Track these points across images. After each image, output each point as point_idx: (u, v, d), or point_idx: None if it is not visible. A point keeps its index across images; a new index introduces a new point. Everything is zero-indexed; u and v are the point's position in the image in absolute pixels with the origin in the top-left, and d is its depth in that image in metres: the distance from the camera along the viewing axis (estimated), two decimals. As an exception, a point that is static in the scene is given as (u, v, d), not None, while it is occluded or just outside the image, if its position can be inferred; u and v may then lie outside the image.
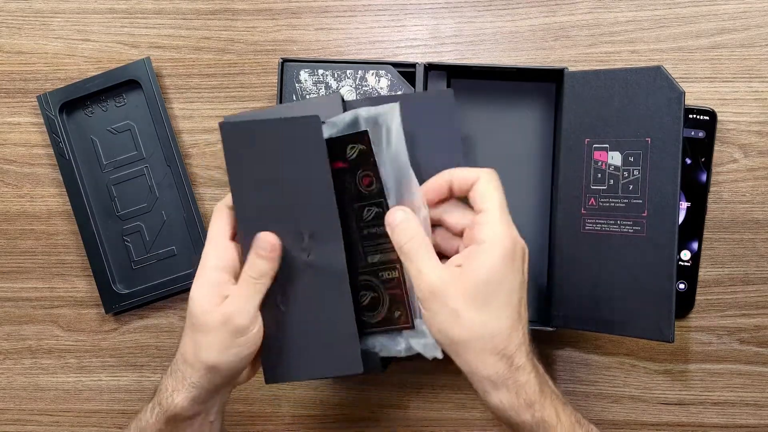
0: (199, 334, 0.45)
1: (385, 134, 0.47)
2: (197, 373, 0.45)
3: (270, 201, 0.48)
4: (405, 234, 0.44)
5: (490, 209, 0.43)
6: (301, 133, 0.47)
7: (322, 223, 0.47)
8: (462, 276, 0.42)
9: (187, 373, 0.46)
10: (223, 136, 0.48)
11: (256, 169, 0.48)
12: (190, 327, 0.46)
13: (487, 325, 0.41)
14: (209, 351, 0.45)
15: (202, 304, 0.45)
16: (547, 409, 0.43)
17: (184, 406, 0.46)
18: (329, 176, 0.47)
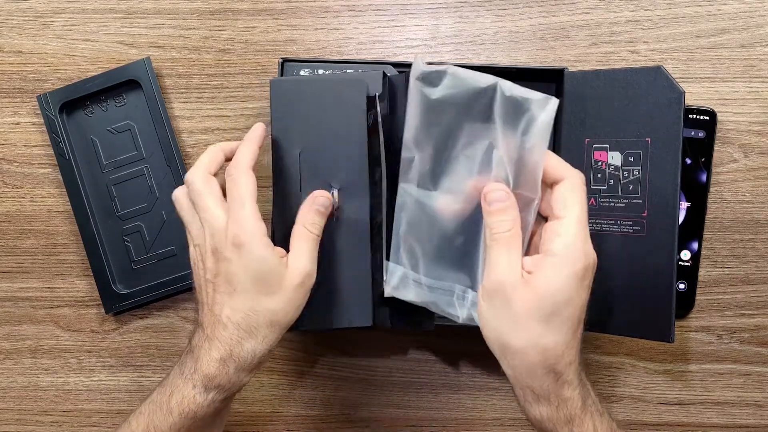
0: (275, 297, 0.44)
1: (524, 123, 0.46)
2: (267, 342, 0.45)
3: (306, 155, 0.52)
4: (501, 223, 0.43)
5: (569, 221, 0.41)
6: (346, 94, 0.52)
7: (352, 179, 0.52)
8: (530, 284, 0.40)
9: (255, 347, 0.45)
10: (271, 90, 0.53)
11: (298, 124, 0.53)
12: (263, 294, 0.44)
13: (544, 339, 0.40)
14: (288, 313, 0.45)
15: (275, 269, 0.44)
16: (586, 423, 0.42)
17: (247, 381, 0.46)
18: (365, 136, 0.52)
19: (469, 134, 0.46)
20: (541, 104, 0.45)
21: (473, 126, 0.46)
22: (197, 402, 0.45)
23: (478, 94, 0.46)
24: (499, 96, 0.46)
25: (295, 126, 0.53)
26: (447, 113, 0.47)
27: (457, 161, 0.47)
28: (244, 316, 0.44)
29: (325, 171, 0.52)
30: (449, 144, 0.47)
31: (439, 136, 0.47)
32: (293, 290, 0.45)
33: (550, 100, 0.46)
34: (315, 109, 0.52)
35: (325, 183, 0.52)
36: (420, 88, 0.47)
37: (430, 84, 0.46)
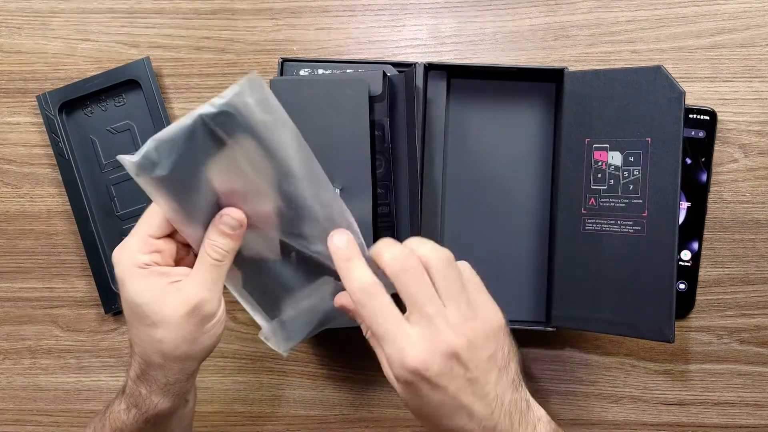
0: (158, 330, 0.41)
1: (253, 131, 0.39)
2: (172, 373, 0.42)
3: None
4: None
5: (379, 341, 0.39)
6: (347, 93, 0.52)
7: (355, 177, 0.52)
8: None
9: (158, 376, 0.42)
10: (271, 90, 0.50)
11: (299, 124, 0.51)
12: (144, 325, 0.41)
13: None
14: (177, 347, 0.41)
15: (155, 299, 0.40)
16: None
17: (164, 407, 0.44)
18: (368, 134, 0.51)
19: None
20: (241, 95, 0.38)
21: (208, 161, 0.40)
22: (122, 419, 0.45)
23: (192, 135, 0.38)
24: (206, 122, 0.38)
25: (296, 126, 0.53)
26: (186, 176, 0.40)
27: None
28: (137, 346, 0.43)
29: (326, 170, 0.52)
30: (200, 192, 0.40)
31: (196, 194, 0.40)
32: (178, 321, 0.40)
33: (252, 82, 0.38)
34: (316, 109, 0.52)
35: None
36: (145, 177, 0.39)
37: (151, 167, 0.38)
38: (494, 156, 0.61)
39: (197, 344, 0.42)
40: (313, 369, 0.65)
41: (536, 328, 0.58)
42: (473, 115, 0.61)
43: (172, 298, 0.40)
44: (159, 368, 0.42)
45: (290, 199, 0.40)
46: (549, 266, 0.60)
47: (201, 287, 0.41)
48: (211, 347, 0.43)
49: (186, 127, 0.38)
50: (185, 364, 0.43)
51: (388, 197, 0.55)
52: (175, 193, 0.40)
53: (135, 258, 0.41)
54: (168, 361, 0.42)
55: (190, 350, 0.42)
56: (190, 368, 0.43)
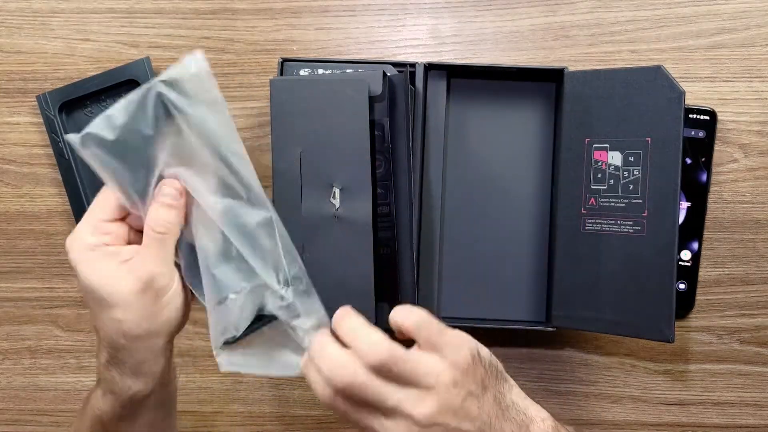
0: (115, 310, 0.40)
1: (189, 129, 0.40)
2: (138, 352, 0.42)
3: (307, 155, 0.52)
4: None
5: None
6: (348, 93, 0.52)
7: (355, 177, 0.52)
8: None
9: (126, 357, 0.42)
10: (271, 90, 0.53)
11: (299, 124, 0.52)
12: (102, 307, 0.41)
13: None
14: (138, 325, 0.41)
15: (108, 280, 0.40)
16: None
17: (138, 389, 0.43)
18: (368, 134, 0.51)
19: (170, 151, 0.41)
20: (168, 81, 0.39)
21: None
22: (99, 407, 0.44)
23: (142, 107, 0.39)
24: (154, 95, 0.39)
25: (295, 126, 0.53)
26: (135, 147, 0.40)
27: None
28: (100, 330, 0.43)
29: (326, 171, 0.52)
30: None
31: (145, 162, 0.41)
32: (134, 298, 0.40)
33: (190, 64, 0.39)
34: (316, 109, 0.52)
35: (326, 183, 0.52)
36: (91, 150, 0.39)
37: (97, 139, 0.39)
38: (494, 156, 0.61)
39: (157, 319, 0.42)
40: (313, 369, 0.65)
41: (536, 328, 0.58)
42: (473, 115, 0.61)
43: (124, 276, 0.40)
44: (125, 349, 0.42)
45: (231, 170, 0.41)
46: (549, 266, 0.60)
47: (150, 262, 0.41)
48: (175, 321, 0.43)
49: (135, 99, 0.39)
50: (150, 342, 0.42)
51: (387, 197, 0.55)
52: (122, 166, 0.40)
53: (84, 241, 0.41)
54: (132, 341, 0.42)
55: (152, 326, 0.42)
56: (156, 345, 0.43)
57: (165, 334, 0.43)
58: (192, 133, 0.40)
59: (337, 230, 0.52)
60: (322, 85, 0.53)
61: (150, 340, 0.42)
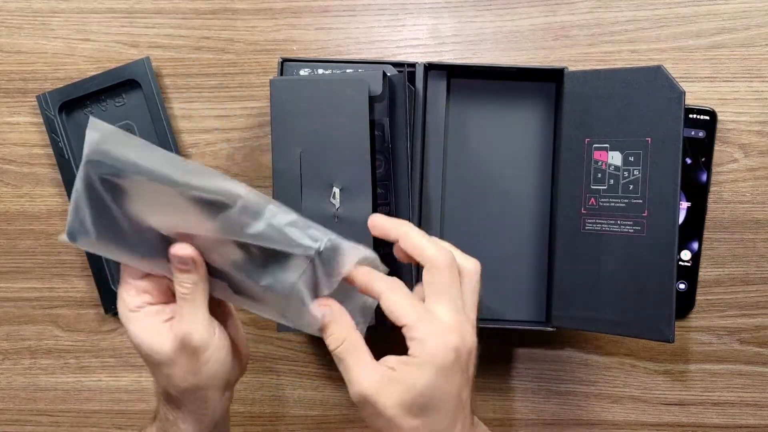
0: (162, 366, 0.42)
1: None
2: (190, 402, 0.43)
3: (307, 155, 0.52)
4: (334, 339, 0.41)
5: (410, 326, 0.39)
6: (348, 93, 0.52)
7: (355, 177, 0.51)
8: (397, 386, 0.39)
9: (179, 403, 0.44)
10: (271, 90, 0.52)
11: (299, 124, 0.52)
12: (150, 363, 0.43)
13: (421, 430, 0.40)
14: (184, 380, 0.42)
15: (150, 340, 0.42)
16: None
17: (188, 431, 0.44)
18: (368, 134, 0.51)
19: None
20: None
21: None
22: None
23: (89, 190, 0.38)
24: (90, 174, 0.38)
25: (295, 126, 0.52)
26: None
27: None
28: (155, 381, 0.45)
29: (325, 171, 0.52)
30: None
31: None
32: (175, 356, 0.42)
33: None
34: (316, 109, 0.52)
35: (326, 183, 0.52)
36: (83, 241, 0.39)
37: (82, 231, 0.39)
38: (494, 156, 0.61)
39: (201, 374, 0.42)
40: (313, 369, 0.65)
41: (536, 328, 0.58)
42: (473, 115, 0.61)
43: (165, 334, 0.42)
44: (177, 399, 0.44)
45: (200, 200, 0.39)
46: (549, 266, 0.60)
47: (184, 321, 0.41)
48: (222, 374, 0.43)
49: (79, 187, 0.38)
50: (200, 394, 0.43)
51: (387, 197, 0.55)
52: (117, 243, 0.40)
53: (127, 304, 0.42)
54: (182, 393, 0.43)
55: (198, 381, 0.42)
56: (208, 396, 0.44)
57: (215, 387, 0.44)
58: (144, 182, 0.38)
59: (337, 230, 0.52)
60: (322, 85, 0.53)
61: (199, 392, 0.43)
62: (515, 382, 0.64)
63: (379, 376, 0.40)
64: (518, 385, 0.64)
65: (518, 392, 0.64)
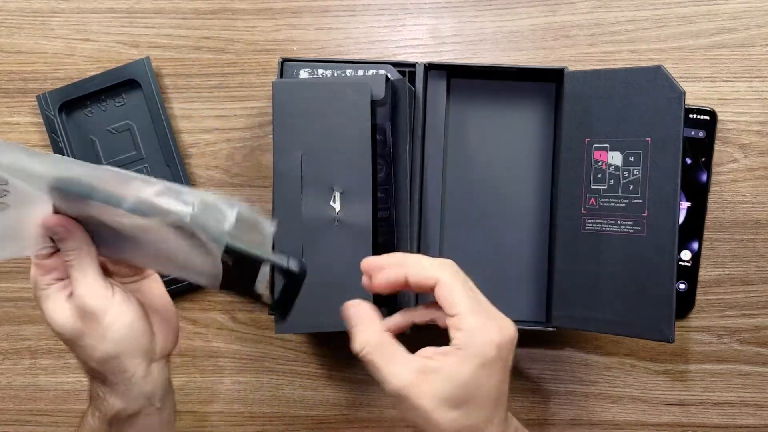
0: (72, 340, 0.42)
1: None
2: (110, 373, 0.43)
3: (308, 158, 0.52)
4: (358, 343, 0.41)
5: (463, 317, 0.40)
6: (350, 96, 0.51)
7: (356, 181, 0.51)
8: (436, 377, 0.39)
9: (104, 377, 0.43)
10: (273, 92, 0.52)
11: (300, 126, 0.52)
12: (68, 344, 0.43)
13: (459, 422, 0.39)
14: (93, 350, 0.42)
15: (57, 317, 0.42)
16: None
17: (119, 406, 0.44)
18: (369, 139, 0.51)
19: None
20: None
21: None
22: (89, 423, 0.45)
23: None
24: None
25: (297, 128, 0.52)
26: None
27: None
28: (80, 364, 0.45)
29: (326, 174, 0.52)
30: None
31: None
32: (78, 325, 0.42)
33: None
34: (318, 112, 0.52)
35: (327, 186, 0.52)
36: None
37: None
38: (494, 156, 0.61)
39: (108, 340, 0.42)
40: (313, 369, 0.65)
41: (536, 328, 0.58)
42: (473, 115, 0.61)
43: (67, 307, 0.42)
44: (99, 373, 0.43)
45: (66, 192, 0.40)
46: (549, 266, 0.60)
47: (75, 287, 0.42)
48: (132, 339, 0.43)
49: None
50: (114, 363, 0.43)
51: (388, 202, 0.55)
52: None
53: (38, 283, 0.43)
54: (100, 364, 0.43)
55: (108, 348, 0.42)
56: (122, 366, 0.43)
57: (130, 354, 0.43)
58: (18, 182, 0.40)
59: (337, 234, 0.52)
60: (324, 87, 0.52)
61: (114, 362, 0.43)
62: (515, 382, 0.64)
63: (415, 368, 0.39)
64: (518, 385, 0.64)
65: (518, 392, 0.64)
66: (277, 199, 0.53)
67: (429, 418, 0.39)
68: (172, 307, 0.47)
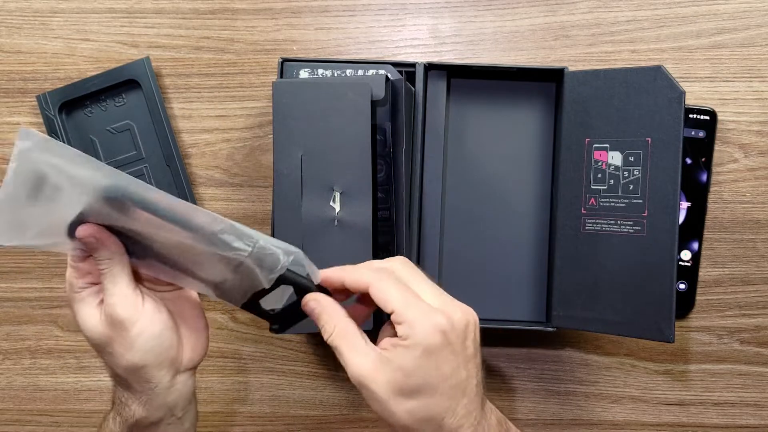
0: (104, 347, 0.42)
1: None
2: (135, 381, 0.43)
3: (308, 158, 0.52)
4: (325, 330, 0.41)
5: (398, 311, 0.39)
6: (350, 97, 0.51)
7: (356, 181, 0.51)
8: (387, 367, 0.39)
9: (128, 384, 0.44)
10: (274, 92, 0.52)
11: (301, 126, 0.52)
12: (95, 348, 0.44)
13: (415, 412, 0.39)
14: (120, 358, 0.42)
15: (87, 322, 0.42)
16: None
17: (141, 414, 0.44)
18: (369, 139, 0.51)
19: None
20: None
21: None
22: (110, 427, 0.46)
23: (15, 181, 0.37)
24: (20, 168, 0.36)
25: (297, 128, 0.52)
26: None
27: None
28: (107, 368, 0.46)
29: (326, 174, 0.52)
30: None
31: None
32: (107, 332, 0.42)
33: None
34: (318, 112, 0.52)
35: (327, 186, 0.52)
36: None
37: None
38: (494, 156, 0.61)
39: (135, 350, 0.42)
40: (313, 369, 0.65)
41: (536, 328, 0.58)
42: (473, 115, 0.61)
43: (98, 314, 0.42)
44: (124, 380, 0.44)
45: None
46: (549, 266, 0.60)
47: (107, 295, 0.42)
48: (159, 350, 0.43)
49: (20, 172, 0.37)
50: (140, 373, 0.43)
51: (388, 201, 0.55)
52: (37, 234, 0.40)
53: (72, 285, 0.43)
54: (126, 373, 0.43)
55: (135, 358, 0.42)
56: (148, 376, 0.43)
57: (156, 365, 0.43)
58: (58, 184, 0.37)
59: (337, 234, 0.52)
60: (324, 88, 0.52)
61: (141, 371, 0.43)
62: (515, 382, 0.64)
63: (372, 359, 0.40)
64: (518, 385, 0.64)
65: (518, 392, 0.64)
66: (277, 199, 0.52)
67: (386, 408, 0.39)
68: (204, 320, 0.47)
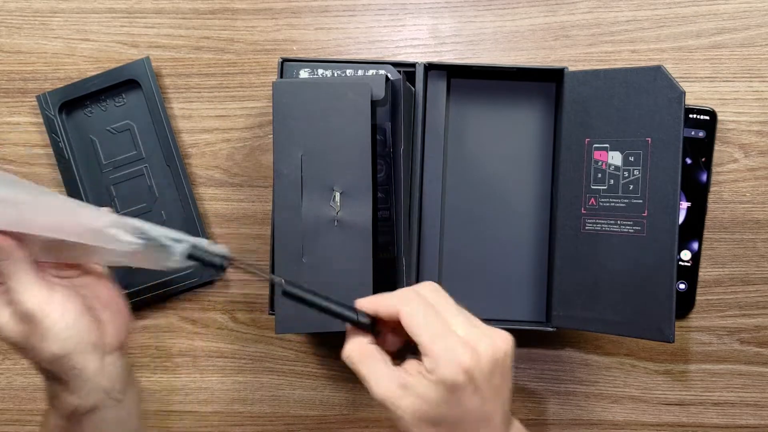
0: (22, 345, 0.43)
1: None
2: (64, 373, 0.43)
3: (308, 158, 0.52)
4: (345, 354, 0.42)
5: (424, 344, 0.39)
6: (350, 97, 0.51)
7: (356, 181, 0.51)
8: (412, 394, 0.39)
9: (55, 375, 0.44)
10: (274, 92, 0.52)
11: (301, 126, 0.52)
12: (15, 348, 0.44)
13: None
14: (40, 351, 0.43)
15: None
16: None
17: (75, 403, 0.44)
18: (369, 139, 0.51)
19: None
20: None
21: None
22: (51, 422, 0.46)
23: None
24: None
25: (297, 129, 0.52)
26: None
27: None
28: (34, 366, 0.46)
29: (326, 174, 0.52)
30: None
31: None
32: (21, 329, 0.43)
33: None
34: (318, 112, 0.52)
35: (327, 186, 0.52)
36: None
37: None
38: (494, 156, 0.61)
39: (53, 341, 0.42)
40: (313, 369, 0.65)
41: (536, 328, 0.58)
42: (473, 115, 0.61)
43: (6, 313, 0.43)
44: (52, 373, 0.44)
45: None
46: (549, 266, 0.60)
47: (12, 293, 0.42)
48: (78, 337, 0.43)
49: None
50: (65, 362, 0.43)
51: (388, 202, 0.55)
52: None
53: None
54: (49, 364, 0.43)
55: (55, 349, 0.42)
56: (73, 364, 0.43)
57: (80, 352, 0.43)
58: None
59: (337, 234, 0.52)
60: (325, 88, 0.52)
61: (64, 360, 0.43)
62: (515, 382, 0.64)
63: (396, 383, 0.40)
64: (518, 385, 0.64)
65: (518, 392, 0.64)
66: (277, 199, 0.52)
67: (410, 429, 0.39)
68: (121, 299, 0.48)
